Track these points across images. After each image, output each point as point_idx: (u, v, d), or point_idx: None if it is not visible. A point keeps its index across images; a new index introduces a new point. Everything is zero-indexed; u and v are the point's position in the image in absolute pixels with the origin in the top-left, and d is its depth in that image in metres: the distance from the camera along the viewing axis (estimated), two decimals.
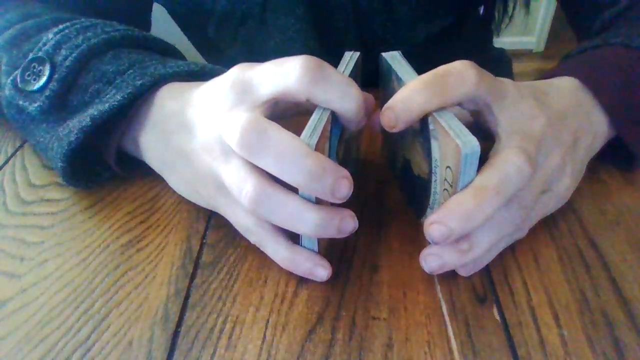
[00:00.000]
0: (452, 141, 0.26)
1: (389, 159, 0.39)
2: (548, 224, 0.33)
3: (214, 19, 0.53)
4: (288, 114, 0.31)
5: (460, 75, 0.28)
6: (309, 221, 0.27)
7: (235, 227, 0.32)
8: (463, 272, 0.30)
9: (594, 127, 0.34)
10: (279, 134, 0.26)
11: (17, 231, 0.34)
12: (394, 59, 0.32)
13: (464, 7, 0.56)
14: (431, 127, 0.28)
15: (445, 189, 0.28)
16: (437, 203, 0.30)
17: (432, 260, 0.28)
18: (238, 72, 0.29)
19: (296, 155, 0.25)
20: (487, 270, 0.31)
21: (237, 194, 0.28)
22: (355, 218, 0.28)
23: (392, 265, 0.31)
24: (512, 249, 0.32)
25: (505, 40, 2.20)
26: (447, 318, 0.28)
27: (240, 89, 0.29)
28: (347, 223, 0.28)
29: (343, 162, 0.34)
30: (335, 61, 0.32)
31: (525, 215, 0.29)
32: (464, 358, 0.26)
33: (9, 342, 0.27)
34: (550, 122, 0.30)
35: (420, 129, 0.30)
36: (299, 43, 0.52)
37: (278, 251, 0.30)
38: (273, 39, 0.52)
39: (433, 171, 0.29)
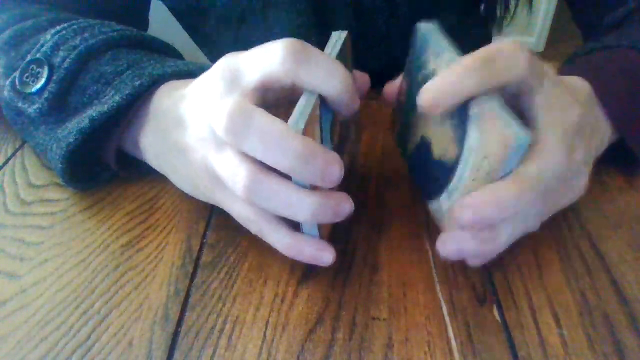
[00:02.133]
0: (501, 131, 0.24)
1: (400, 135, 0.36)
2: (548, 224, 0.33)
3: (214, 15, 0.53)
4: (280, 102, 0.30)
5: (511, 58, 0.26)
6: (305, 207, 0.26)
7: (236, 218, 0.31)
8: (474, 263, 0.29)
9: (601, 129, 0.34)
10: (265, 118, 0.25)
11: (17, 231, 0.34)
12: (431, 31, 0.30)
13: (465, 4, 0.56)
14: (473, 111, 0.26)
15: (475, 179, 0.27)
16: (459, 191, 0.28)
17: (450, 245, 0.28)
18: (225, 61, 0.29)
19: (283, 139, 0.25)
20: (487, 270, 0.31)
21: (231, 184, 0.27)
22: (351, 200, 0.28)
23: (392, 265, 0.31)
24: (512, 250, 0.32)
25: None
26: (447, 318, 0.28)
27: (229, 77, 0.28)
28: (343, 206, 0.27)
29: (340, 144, 0.33)
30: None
31: (548, 210, 0.29)
32: (464, 358, 0.26)
33: (9, 342, 0.27)
34: (583, 113, 0.29)
35: (456, 111, 0.27)
36: (300, 38, 0.52)
37: (280, 239, 0.30)
38: (274, 35, 0.52)
39: (463, 158, 0.27)
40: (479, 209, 0.25)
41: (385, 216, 0.35)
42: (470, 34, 0.61)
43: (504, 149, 0.24)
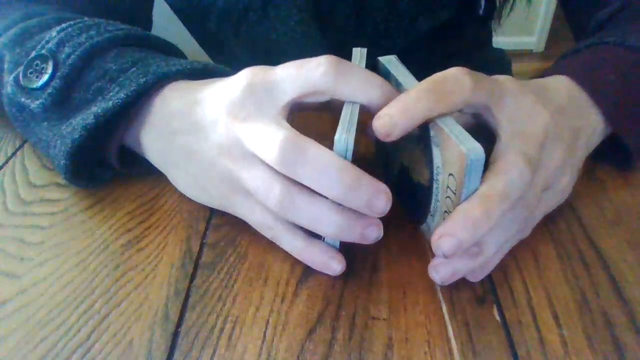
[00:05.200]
0: (456, 148, 0.25)
1: (384, 165, 0.38)
2: (548, 224, 0.33)
3: (215, 12, 0.53)
4: (300, 111, 0.31)
5: (456, 82, 0.28)
6: (332, 223, 0.28)
7: (251, 224, 0.32)
8: (472, 278, 0.30)
9: (591, 124, 0.34)
10: (316, 151, 0.27)
11: (17, 231, 0.34)
12: (391, 63, 0.32)
13: (464, 0, 0.56)
14: (432, 133, 0.28)
15: (447, 197, 0.28)
16: (439, 210, 0.30)
17: (443, 269, 0.28)
18: (253, 76, 0.29)
19: (334, 171, 0.26)
20: None
21: (264, 198, 0.28)
22: (381, 227, 0.28)
23: (392, 265, 0.31)
24: (511, 250, 0.32)
25: (505, 40, 2.20)
26: (447, 318, 0.28)
27: (259, 93, 0.29)
28: (371, 230, 0.28)
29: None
30: (336, 54, 0.32)
31: (529, 214, 0.30)
32: (464, 358, 0.26)
33: (9, 342, 0.27)
34: (553, 118, 0.30)
35: (420, 135, 0.29)
36: (300, 35, 0.52)
37: (294, 243, 0.31)
38: (275, 31, 0.52)
39: (434, 178, 0.29)
40: (454, 235, 0.26)
41: (385, 216, 0.35)
42: (469, 31, 0.61)
43: (462, 164, 0.25)
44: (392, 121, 0.27)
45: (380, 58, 0.32)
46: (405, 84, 0.30)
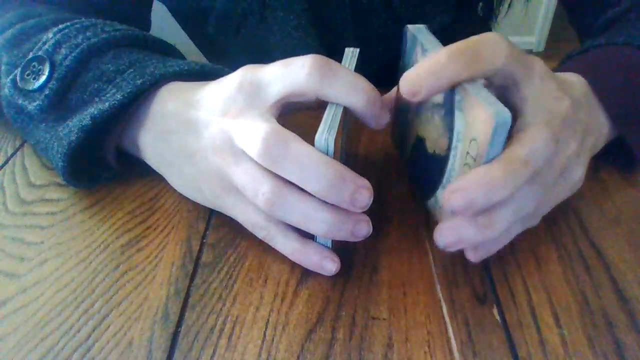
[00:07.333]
0: (483, 111, 0.24)
1: (399, 140, 0.38)
2: (548, 224, 0.33)
3: (214, 16, 0.53)
4: (293, 111, 0.31)
5: (492, 47, 0.27)
6: (322, 221, 0.27)
7: (243, 224, 0.32)
8: (473, 257, 0.29)
9: (599, 125, 0.34)
10: (300, 146, 0.27)
11: (17, 231, 0.34)
12: (420, 31, 0.31)
13: (463, 3, 0.56)
14: (457, 97, 0.27)
15: (466, 163, 0.27)
16: (454, 179, 0.29)
17: (448, 234, 0.27)
18: (244, 74, 0.30)
19: (317, 167, 0.26)
20: (487, 270, 0.31)
21: (253, 196, 0.28)
22: (370, 223, 0.28)
23: (392, 265, 0.31)
24: (512, 249, 0.32)
25: None
26: (447, 318, 0.28)
27: (249, 90, 0.29)
28: (361, 227, 0.28)
29: (343, 155, 0.34)
30: (335, 58, 0.32)
31: (543, 198, 0.29)
32: (464, 358, 0.26)
33: (9, 342, 0.27)
34: (573, 106, 0.30)
35: (443, 101, 0.28)
36: (298, 40, 0.52)
37: (287, 244, 0.30)
38: (273, 35, 0.52)
39: (453, 146, 0.28)
40: (468, 192, 0.25)
41: (385, 216, 0.35)
42: (469, 32, 0.61)
43: (488, 128, 0.24)
44: (420, 81, 0.26)
45: (408, 26, 0.32)
46: (431, 51, 0.29)
